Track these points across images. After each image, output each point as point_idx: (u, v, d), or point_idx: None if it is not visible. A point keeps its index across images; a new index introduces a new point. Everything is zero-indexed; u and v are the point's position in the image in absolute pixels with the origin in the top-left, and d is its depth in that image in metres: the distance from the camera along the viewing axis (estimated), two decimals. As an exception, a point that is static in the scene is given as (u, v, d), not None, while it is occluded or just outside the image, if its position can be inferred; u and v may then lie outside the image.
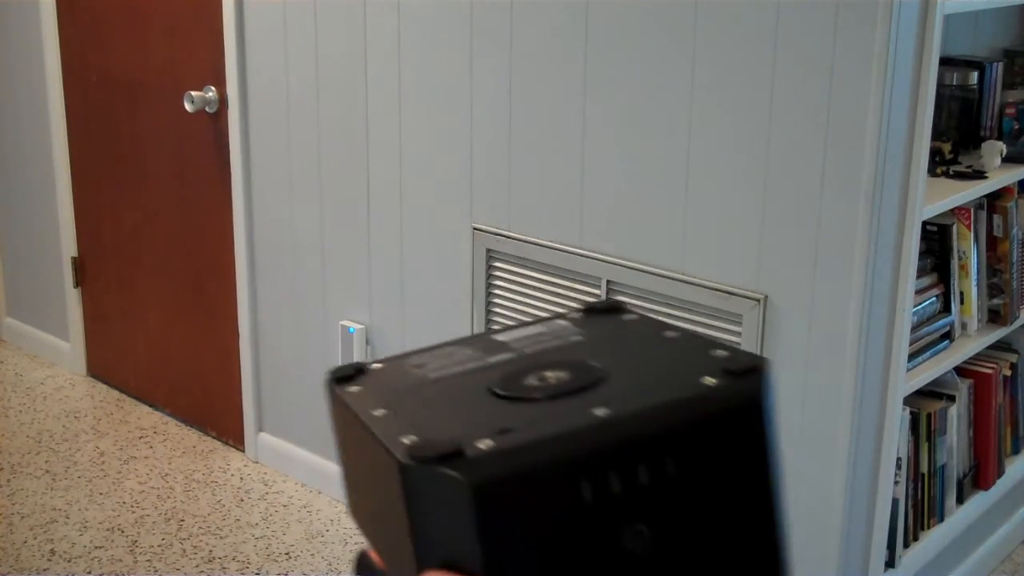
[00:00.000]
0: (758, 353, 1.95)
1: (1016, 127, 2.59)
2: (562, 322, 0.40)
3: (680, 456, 0.33)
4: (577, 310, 0.41)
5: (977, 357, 2.49)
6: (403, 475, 0.32)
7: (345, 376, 0.38)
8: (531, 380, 0.35)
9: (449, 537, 0.32)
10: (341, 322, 2.93)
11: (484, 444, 0.32)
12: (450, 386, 0.36)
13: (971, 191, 2.32)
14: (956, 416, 2.42)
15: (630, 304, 2.25)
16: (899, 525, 2.28)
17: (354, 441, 0.36)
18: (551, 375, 0.35)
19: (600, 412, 0.33)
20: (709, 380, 0.34)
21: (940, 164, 2.42)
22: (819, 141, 1.99)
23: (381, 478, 0.34)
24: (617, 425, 0.32)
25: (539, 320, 0.40)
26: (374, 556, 0.39)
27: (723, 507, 0.34)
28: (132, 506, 3.04)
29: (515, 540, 0.31)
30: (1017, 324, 2.55)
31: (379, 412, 0.35)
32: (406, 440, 0.32)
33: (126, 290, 3.62)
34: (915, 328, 2.18)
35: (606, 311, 0.41)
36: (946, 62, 2.36)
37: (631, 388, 0.34)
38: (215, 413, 3.40)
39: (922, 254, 2.21)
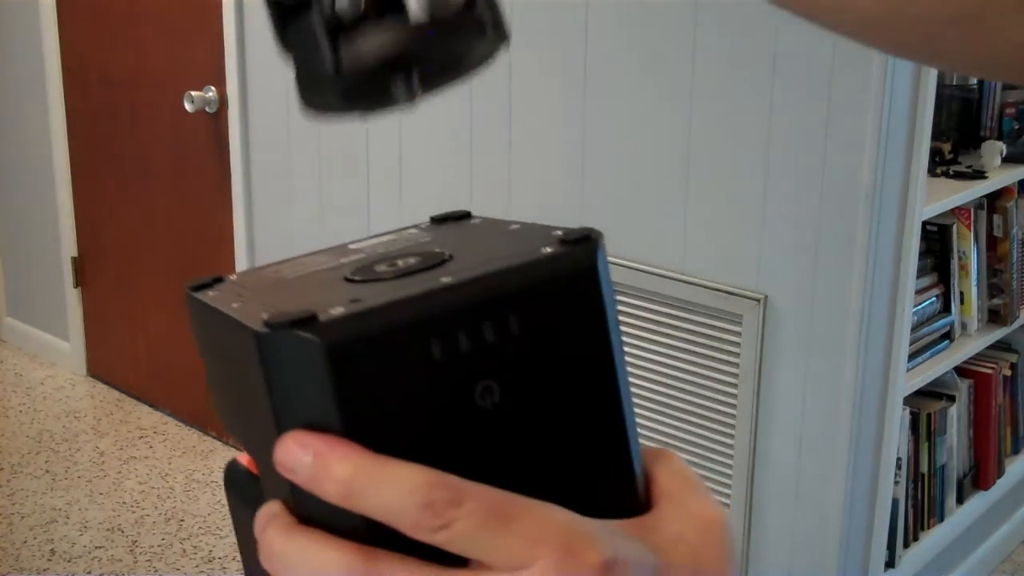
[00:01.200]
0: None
1: (1016, 127, 2.59)
2: (412, 230, 0.42)
3: (523, 315, 0.35)
4: (426, 221, 0.44)
5: (977, 357, 2.49)
6: (259, 344, 0.33)
7: (202, 285, 0.39)
8: (381, 267, 0.37)
9: (308, 402, 0.33)
10: (341, 322, 2.93)
11: (336, 311, 0.33)
12: (304, 279, 0.38)
13: (971, 191, 2.32)
14: (956, 416, 2.42)
15: (630, 302, 2.25)
16: (899, 525, 2.28)
17: (213, 339, 0.37)
18: (400, 261, 0.37)
19: (446, 280, 0.35)
20: (546, 249, 0.37)
21: (940, 164, 2.42)
22: (819, 141, 1.99)
23: (240, 361, 0.35)
24: (462, 288, 0.35)
25: (390, 231, 0.42)
26: (244, 460, 0.40)
27: (568, 368, 0.36)
28: (132, 506, 3.04)
29: (371, 398, 0.33)
30: (1017, 324, 2.55)
31: (235, 304, 0.36)
32: (262, 315, 0.33)
33: (126, 290, 3.62)
34: (915, 328, 2.18)
35: (455, 219, 0.43)
36: (946, 62, 2.36)
37: (476, 261, 0.36)
38: (215, 413, 3.39)
39: (922, 254, 2.22)
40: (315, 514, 0.34)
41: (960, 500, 2.49)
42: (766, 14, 2.01)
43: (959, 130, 2.56)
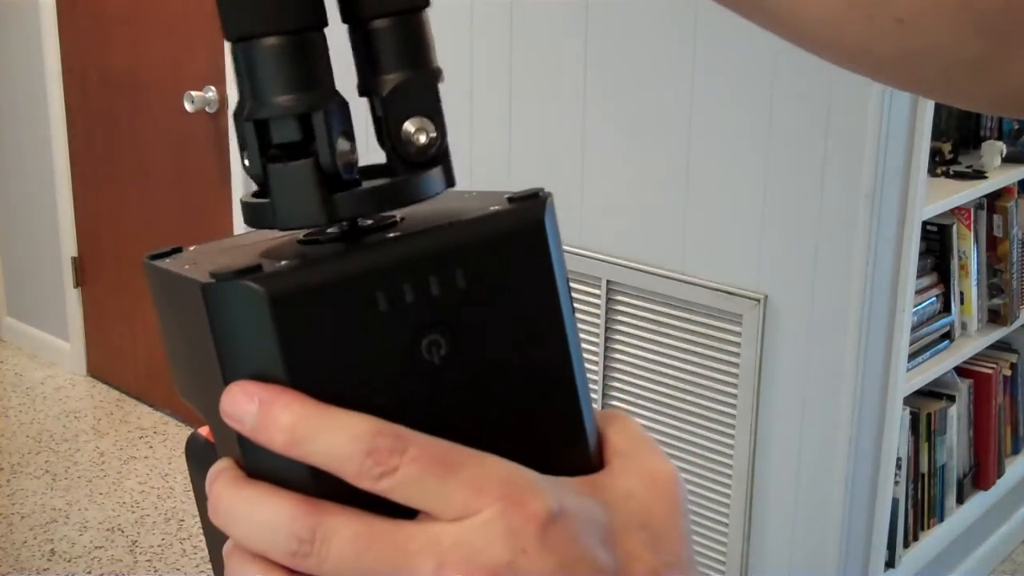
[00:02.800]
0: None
1: (1016, 127, 2.60)
2: None
3: (469, 269, 0.35)
4: None
5: (977, 357, 2.49)
6: (204, 295, 0.33)
7: (160, 254, 0.40)
8: (333, 229, 0.37)
9: (253, 352, 0.33)
10: (341, 322, 2.93)
11: (282, 264, 0.34)
12: (259, 244, 0.38)
13: (971, 191, 2.32)
14: (956, 416, 2.42)
15: (630, 302, 2.25)
16: (899, 525, 2.28)
17: (167, 303, 0.38)
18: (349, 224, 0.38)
19: (392, 235, 0.35)
20: (495, 207, 0.37)
21: (940, 164, 2.42)
22: (819, 141, 1.99)
23: (190, 319, 0.35)
24: (408, 241, 0.35)
25: None
26: (204, 432, 0.40)
27: (515, 323, 0.36)
28: (132, 506, 3.04)
29: (316, 349, 0.33)
30: (1017, 324, 2.55)
31: (187, 266, 0.36)
32: (211, 269, 0.34)
33: (126, 290, 3.62)
34: (915, 328, 2.18)
35: None
36: (946, 62, 2.36)
37: (425, 220, 0.37)
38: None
39: (922, 254, 2.22)
40: (263, 468, 0.34)
41: (960, 500, 2.49)
42: (766, 14, 2.01)
43: (959, 130, 2.56)
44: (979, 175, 2.39)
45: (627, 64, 2.21)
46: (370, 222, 0.37)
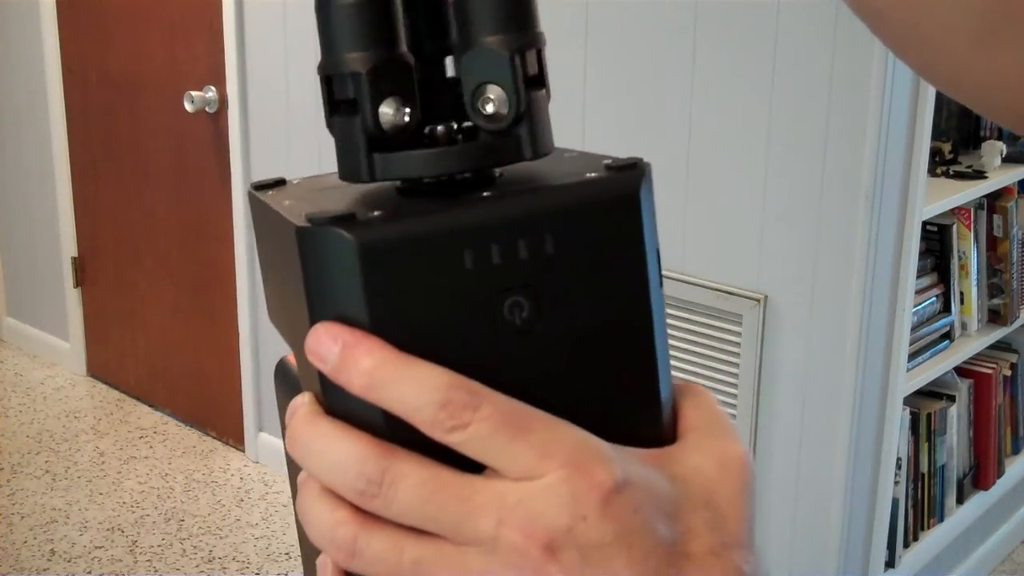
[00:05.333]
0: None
1: (1016, 127, 2.59)
2: None
3: (558, 235, 0.35)
4: None
5: (977, 357, 2.49)
6: (299, 238, 0.34)
7: (265, 185, 0.41)
8: (428, 179, 0.38)
9: (340, 297, 0.34)
10: (341, 322, 2.93)
11: (375, 213, 0.35)
12: (359, 188, 0.39)
13: (971, 191, 2.32)
14: (956, 416, 2.42)
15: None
16: (899, 525, 2.28)
17: (266, 235, 0.39)
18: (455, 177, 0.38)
19: (486, 194, 0.36)
20: (591, 174, 0.37)
21: (940, 164, 2.42)
22: (819, 141, 1.99)
23: (285, 256, 0.36)
24: (501, 203, 0.35)
25: None
26: (291, 359, 0.41)
27: (600, 292, 0.36)
28: (132, 506, 3.04)
29: (400, 300, 0.34)
30: (1017, 324, 2.55)
31: (287, 202, 0.37)
32: (307, 211, 0.35)
33: (126, 290, 3.62)
34: (915, 328, 2.18)
35: None
36: (946, 62, 2.36)
37: (522, 180, 0.37)
38: (215, 413, 3.40)
39: (922, 254, 2.22)
40: (341, 407, 0.35)
41: (960, 500, 2.49)
42: (766, 14, 2.01)
43: (959, 130, 2.56)
44: (979, 175, 2.39)
45: (627, 64, 2.21)
46: (468, 175, 0.37)
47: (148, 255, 3.50)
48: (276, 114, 2.94)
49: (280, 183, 0.41)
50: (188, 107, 3.09)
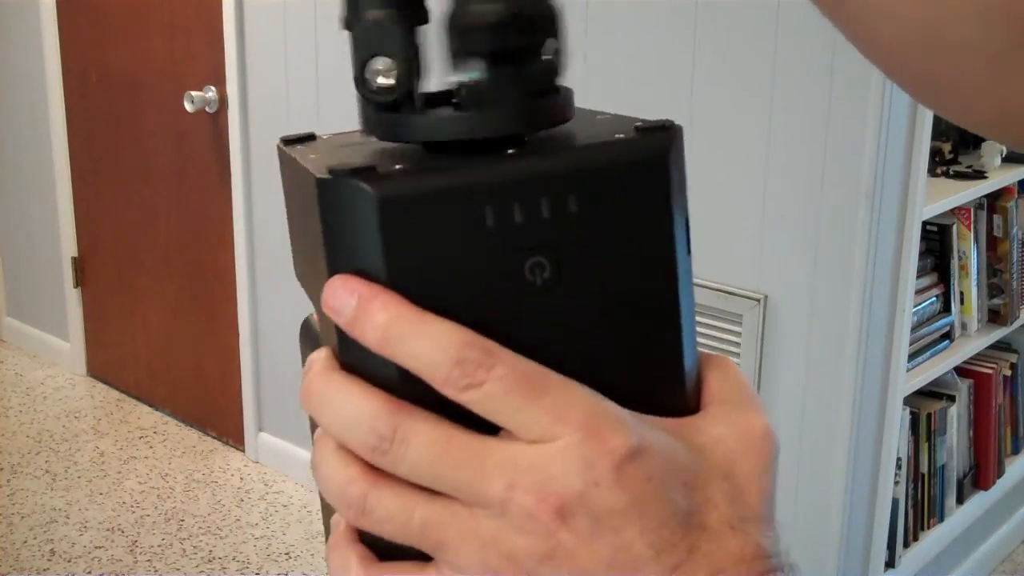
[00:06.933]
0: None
1: (1016, 127, 2.59)
2: None
3: (582, 195, 0.34)
4: None
5: (977, 357, 2.49)
6: (318, 188, 0.34)
7: (295, 139, 0.41)
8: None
9: (359, 250, 0.34)
10: (341, 322, 2.93)
11: (396, 167, 0.34)
12: (386, 144, 0.39)
13: (971, 191, 2.32)
14: (956, 416, 2.42)
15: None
16: (899, 525, 2.28)
17: (292, 190, 0.39)
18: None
19: (511, 151, 0.35)
20: (619, 135, 0.36)
21: (940, 164, 2.42)
22: (819, 141, 1.99)
23: (307, 208, 0.36)
24: (523, 160, 0.35)
25: None
26: (315, 317, 0.41)
27: (625, 255, 0.35)
28: (132, 506, 3.04)
29: (419, 255, 0.34)
30: (1017, 324, 2.55)
31: (312, 156, 0.37)
32: (330, 163, 0.35)
33: (126, 290, 3.62)
34: (915, 328, 2.18)
35: None
36: (946, 62, 2.36)
37: (549, 139, 0.36)
38: (215, 413, 3.40)
39: (922, 254, 2.22)
40: (356, 362, 0.35)
41: (960, 500, 2.49)
42: (767, 14, 2.01)
43: (959, 130, 2.56)
44: (979, 175, 2.39)
45: (627, 64, 2.21)
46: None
47: (148, 255, 3.50)
48: (276, 114, 2.94)
49: (310, 137, 0.41)
50: (188, 107, 3.09)
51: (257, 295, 3.15)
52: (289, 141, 0.40)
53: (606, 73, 2.23)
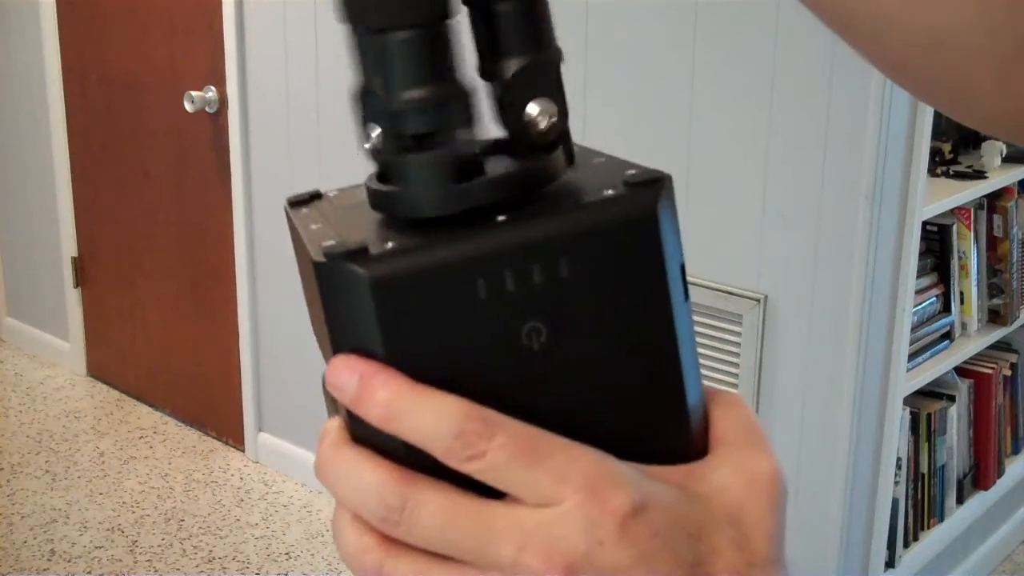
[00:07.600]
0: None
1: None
2: None
3: (573, 259, 0.35)
4: None
5: (977, 357, 2.49)
6: (317, 272, 0.35)
7: (300, 201, 0.41)
8: None
9: (357, 329, 0.35)
10: (341, 322, 2.93)
11: (388, 245, 0.35)
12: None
13: (971, 191, 2.32)
14: (956, 416, 2.42)
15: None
16: (899, 525, 2.28)
17: (299, 255, 0.39)
18: None
19: (501, 218, 0.35)
20: (608, 192, 0.36)
21: (940, 164, 2.42)
22: (819, 141, 1.99)
23: (309, 283, 0.37)
24: (513, 229, 0.35)
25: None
26: None
27: (620, 314, 0.36)
28: (132, 506, 3.04)
29: (415, 332, 0.34)
30: (1017, 324, 2.55)
31: (315, 226, 0.38)
32: (325, 243, 0.35)
33: (126, 290, 3.62)
34: (915, 328, 2.18)
35: None
36: (946, 62, 2.36)
37: (538, 199, 0.37)
38: (215, 413, 3.40)
39: (922, 254, 2.22)
40: (365, 435, 0.36)
41: (960, 500, 2.49)
42: (766, 14, 2.01)
43: (959, 130, 2.56)
44: (979, 175, 2.39)
45: (627, 64, 2.21)
46: None
47: (148, 255, 3.50)
48: (276, 114, 2.94)
49: (316, 196, 0.41)
50: (188, 107, 3.09)
51: (257, 295, 3.15)
52: (295, 203, 0.41)
53: (606, 74, 2.23)
